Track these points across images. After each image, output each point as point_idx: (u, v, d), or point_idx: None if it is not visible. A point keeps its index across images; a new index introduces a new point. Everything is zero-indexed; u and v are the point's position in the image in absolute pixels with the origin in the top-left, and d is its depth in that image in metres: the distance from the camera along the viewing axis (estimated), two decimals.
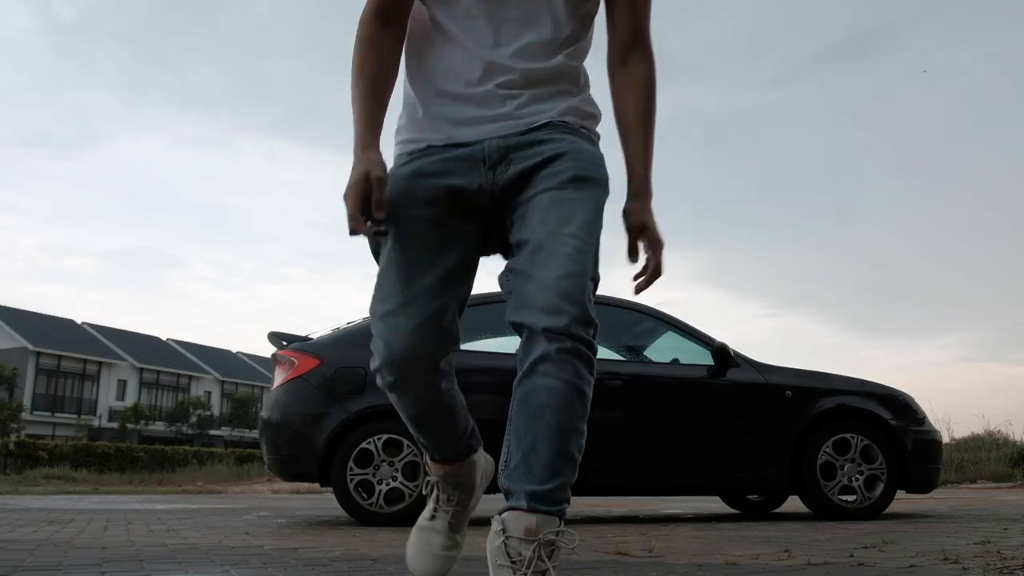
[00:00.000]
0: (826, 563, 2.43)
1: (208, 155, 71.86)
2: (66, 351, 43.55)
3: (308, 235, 77.23)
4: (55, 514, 5.41)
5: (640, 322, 5.28)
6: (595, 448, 1.38)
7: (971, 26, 63.04)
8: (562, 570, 1.36)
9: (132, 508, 6.51)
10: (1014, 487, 11.07)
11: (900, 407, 5.06)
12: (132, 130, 69.88)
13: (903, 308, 63.27)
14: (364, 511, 4.40)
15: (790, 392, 4.96)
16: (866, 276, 65.59)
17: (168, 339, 53.08)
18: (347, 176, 1.46)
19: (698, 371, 5.03)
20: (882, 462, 4.82)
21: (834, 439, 4.84)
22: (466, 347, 4.58)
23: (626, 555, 2.71)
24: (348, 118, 1.53)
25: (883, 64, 62.95)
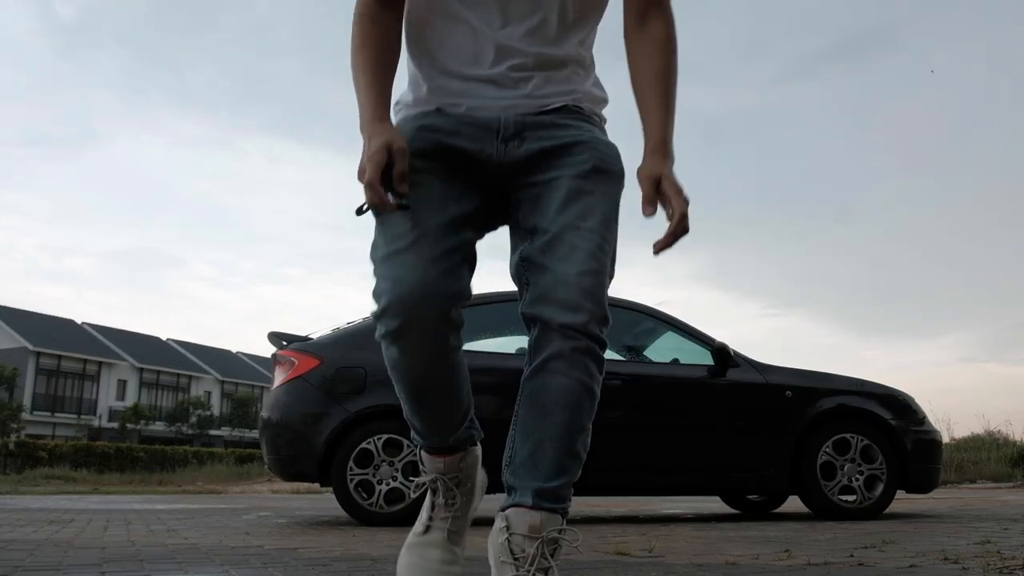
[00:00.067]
0: (826, 563, 2.43)
1: (208, 155, 71.94)
2: (66, 351, 43.56)
3: (308, 235, 77.34)
4: (55, 514, 5.41)
5: (640, 322, 5.28)
6: (595, 448, 1.38)
7: (971, 26, 63.03)
8: (562, 569, 1.36)
9: (132, 508, 6.51)
10: (1014, 487, 11.07)
11: (900, 407, 5.06)
12: (132, 130, 69.94)
13: (903, 308, 63.29)
14: (364, 511, 4.40)
15: (790, 392, 4.96)
16: (866, 276, 65.63)
17: (168, 339, 53.10)
18: (346, 176, 1.43)
19: (698, 371, 5.03)
20: (882, 462, 4.82)
21: (834, 439, 4.84)
22: (466, 347, 4.57)
23: (626, 555, 2.71)
24: (348, 118, 1.50)
25: (883, 64, 62.94)
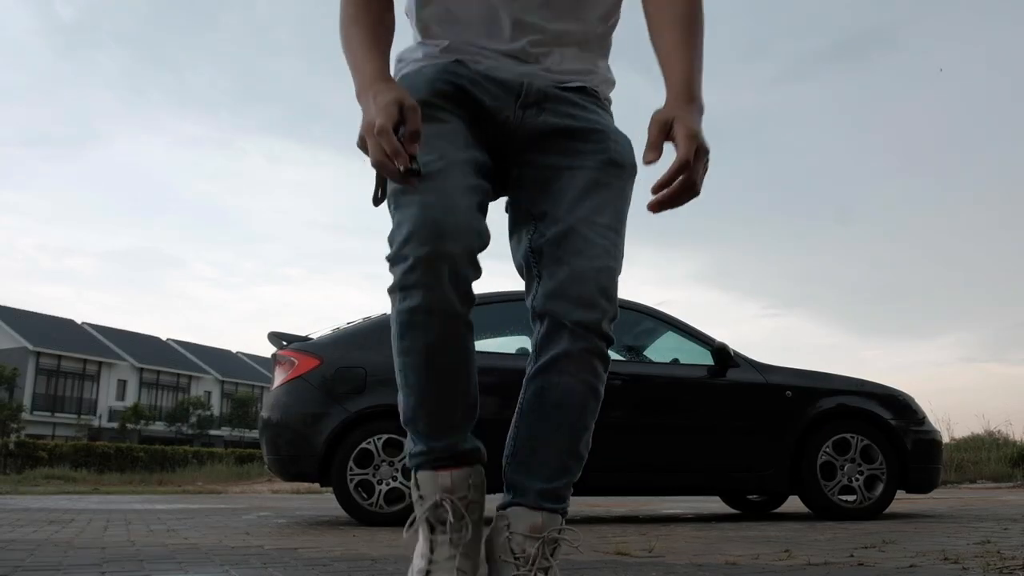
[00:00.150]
0: (826, 563, 2.43)
1: (208, 155, 71.96)
2: (66, 351, 43.56)
3: (308, 235, 77.36)
4: (55, 514, 5.41)
5: (640, 322, 5.28)
6: (595, 448, 1.38)
7: (971, 26, 63.06)
8: (562, 569, 1.36)
9: (132, 508, 6.50)
10: (1014, 487, 11.07)
11: (900, 407, 5.06)
12: (132, 130, 70.00)
13: (903, 308, 63.33)
14: (364, 511, 4.40)
15: (790, 392, 4.96)
16: (866, 276, 65.69)
17: (168, 339, 53.10)
18: (346, 176, 1.31)
19: (698, 371, 5.03)
20: (882, 462, 4.82)
21: (834, 439, 4.84)
22: None
23: (626, 555, 2.71)
24: (348, 118, 1.43)
25: (883, 64, 63.00)
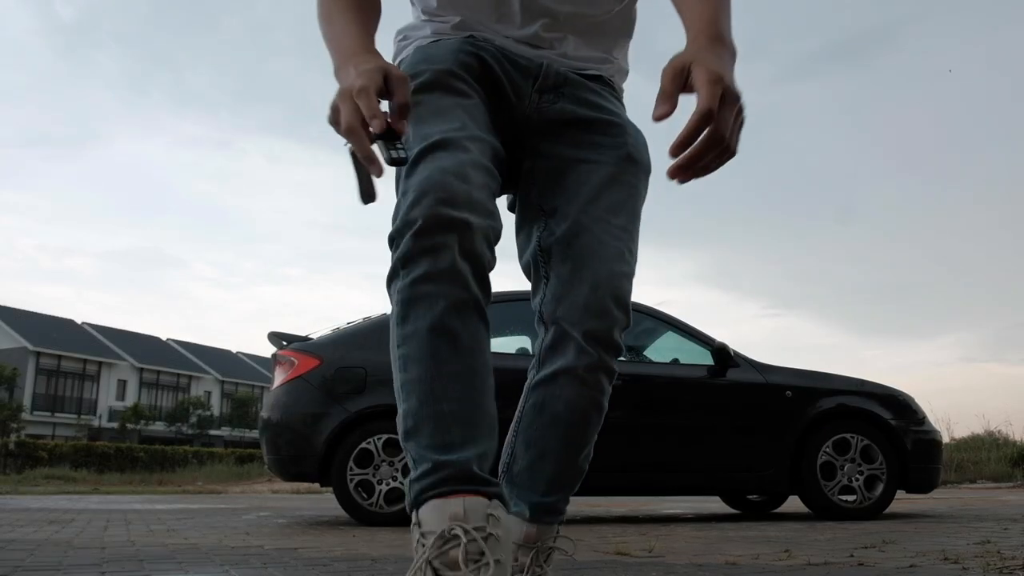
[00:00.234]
0: (826, 563, 2.43)
1: (208, 155, 72.01)
2: (66, 351, 43.54)
3: (308, 235, 77.38)
4: (55, 514, 5.41)
5: (640, 322, 5.27)
6: (595, 448, 1.37)
7: (971, 26, 63.06)
8: (563, 569, 1.36)
9: (132, 508, 6.50)
10: (1014, 487, 11.07)
11: (900, 407, 5.06)
12: (132, 130, 70.05)
13: (903, 308, 63.37)
14: (364, 511, 4.40)
15: (790, 392, 4.96)
16: (866, 276, 65.71)
17: (168, 339, 53.08)
18: (346, 176, 1.04)
19: (698, 371, 5.03)
20: (882, 462, 4.82)
21: (834, 439, 4.84)
22: None
23: (626, 555, 2.71)
24: None
25: (883, 64, 63.00)
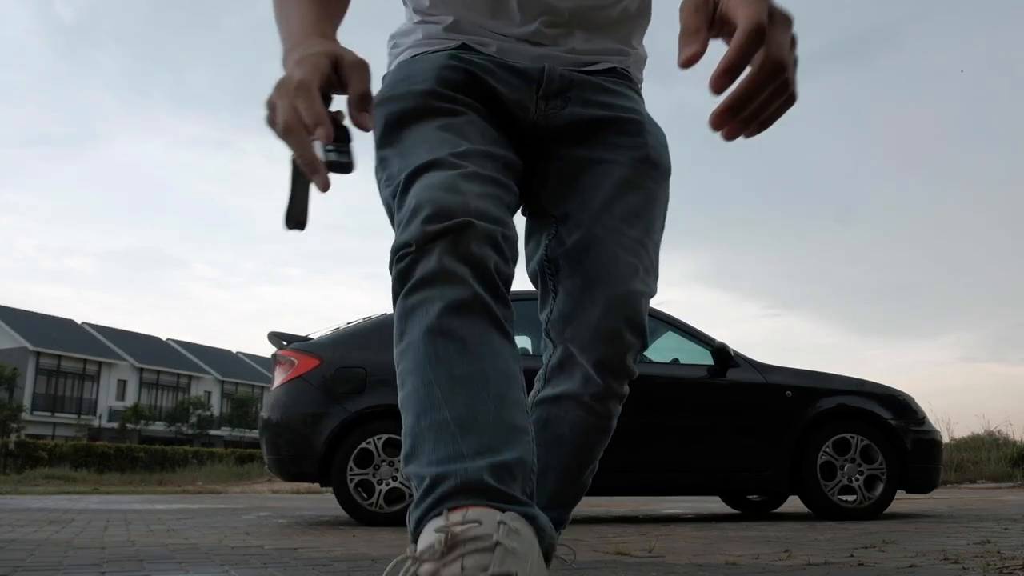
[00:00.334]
0: (826, 563, 2.43)
1: (208, 155, 72.13)
2: (66, 351, 43.54)
3: (308, 235, 77.18)
4: (55, 514, 5.41)
5: None
6: None
7: (971, 26, 63.07)
8: (563, 569, 1.36)
9: (132, 508, 6.50)
10: (1014, 487, 11.07)
11: (900, 407, 5.06)
12: (132, 130, 70.15)
13: (903, 308, 63.43)
14: (364, 511, 4.40)
15: (790, 392, 4.96)
16: (866, 276, 65.76)
17: (168, 339, 53.09)
18: (342, 175, 0.91)
19: (698, 371, 5.03)
20: (882, 462, 4.82)
21: (834, 439, 4.84)
22: None
23: (626, 555, 2.71)
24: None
25: (883, 64, 63.02)
